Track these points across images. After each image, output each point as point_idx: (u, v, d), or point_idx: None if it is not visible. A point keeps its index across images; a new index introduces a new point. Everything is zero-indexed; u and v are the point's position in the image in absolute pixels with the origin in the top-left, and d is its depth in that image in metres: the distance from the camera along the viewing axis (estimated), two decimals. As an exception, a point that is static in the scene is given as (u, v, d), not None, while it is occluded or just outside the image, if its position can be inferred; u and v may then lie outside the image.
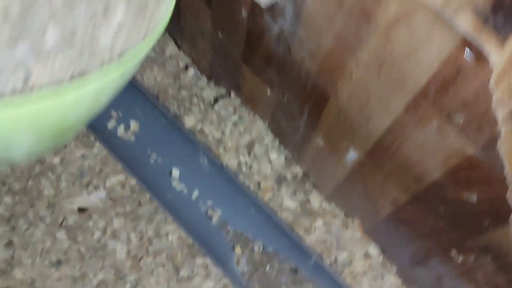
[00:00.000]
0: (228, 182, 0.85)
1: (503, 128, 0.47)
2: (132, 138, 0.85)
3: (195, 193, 0.84)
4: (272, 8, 0.66)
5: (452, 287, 0.71)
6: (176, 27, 1.00)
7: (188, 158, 0.85)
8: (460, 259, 0.66)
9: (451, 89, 0.49)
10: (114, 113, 0.89)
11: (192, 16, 0.90)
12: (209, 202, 0.81)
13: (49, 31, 0.36)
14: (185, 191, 0.84)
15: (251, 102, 0.94)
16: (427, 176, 0.62)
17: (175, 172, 0.85)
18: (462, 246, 0.65)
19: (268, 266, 0.80)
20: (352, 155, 0.74)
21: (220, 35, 0.85)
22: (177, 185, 0.84)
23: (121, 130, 0.87)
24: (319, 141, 0.80)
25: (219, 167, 0.85)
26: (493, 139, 0.48)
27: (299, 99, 0.76)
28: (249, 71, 0.86)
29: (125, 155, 0.85)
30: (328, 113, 0.72)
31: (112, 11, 0.40)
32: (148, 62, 1.05)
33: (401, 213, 0.72)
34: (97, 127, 0.87)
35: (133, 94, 0.91)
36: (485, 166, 0.52)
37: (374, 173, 0.72)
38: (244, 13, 0.73)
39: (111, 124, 0.89)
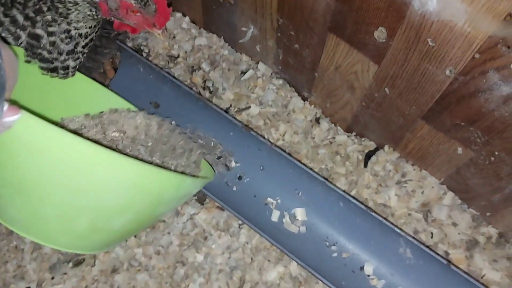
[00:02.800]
0: (439, 271, 0.66)
1: None
2: (303, 229, 0.69)
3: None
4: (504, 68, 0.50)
5: None
6: (305, 79, 0.85)
7: (383, 246, 0.66)
8: None
9: None
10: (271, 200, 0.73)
11: (341, 69, 0.75)
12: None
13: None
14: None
15: (419, 158, 0.79)
16: None
17: (368, 268, 0.68)
18: None
19: None
20: None
21: (387, 91, 0.69)
22: (376, 282, 0.67)
23: (286, 220, 0.72)
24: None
25: (422, 252, 0.67)
26: None
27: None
28: (429, 127, 0.70)
29: (297, 248, 0.70)
30: None
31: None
32: (271, 119, 0.90)
33: None
34: (256, 219, 0.73)
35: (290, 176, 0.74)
36: None
37: None
38: (448, 72, 0.57)
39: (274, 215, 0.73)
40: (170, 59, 1.00)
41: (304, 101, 0.92)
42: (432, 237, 0.78)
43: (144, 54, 1.01)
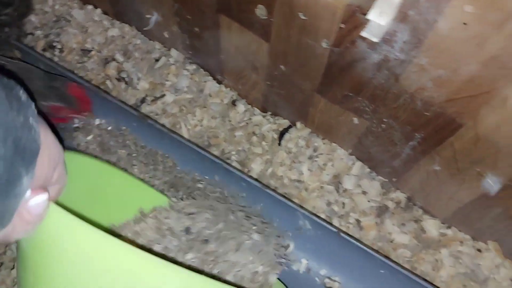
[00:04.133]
0: (339, 242, 0.68)
1: None
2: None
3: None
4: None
5: None
6: (215, 62, 0.86)
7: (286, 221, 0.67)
8: None
9: None
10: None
11: (239, 49, 0.75)
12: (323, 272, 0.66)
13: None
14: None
15: (326, 131, 0.81)
16: None
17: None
18: None
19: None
20: (491, 182, 0.60)
21: (282, 67, 0.70)
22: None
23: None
24: (435, 166, 0.66)
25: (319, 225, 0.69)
26: None
27: (408, 126, 0.63)
28: (325, 101, 0.72)
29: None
30: (457, 140, 0.58)
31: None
32: (187, 106, 0.90)
33: None
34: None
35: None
36: None
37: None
38: (325, 44, 0.58)
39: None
40: (83, 53, 0.98)
41: (219, 84, 0.92)
42: (343, 207, 0.80)
43: (57, 51, 0.99)
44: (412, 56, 0.50)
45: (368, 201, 0.80)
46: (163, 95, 0.92)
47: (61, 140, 0.42)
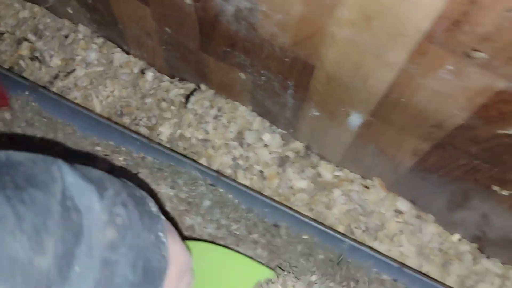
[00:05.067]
0: None
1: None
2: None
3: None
4: (219, -13, 0.56)
5: (502, 222, 0.66)
6: (116, 32, 0.88)
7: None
8: (505, 192, 0.60)
9: (465, 24, 0.40)
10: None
11: (130, 17, 0.78)
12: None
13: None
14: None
15: (225, 90, 0.85)
16: (449, 121, 0.54)
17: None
18: (505, 180, 0.59)
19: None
20: (355, 118, 0.66)
21: (168, 30, 0.74)
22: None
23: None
24: (314, 111, 0.72)
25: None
26: (528, 68, 0.41)
27: (280, 75, 0.67)
28: (212, 59, 0.76)
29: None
30: (317, 82, 0.63)
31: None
32: (98, 79, 0.93)
33: (426, 162, 0.65)
34: None
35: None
36: (521, 97, 0.45)
37: (385, 130, 0.64)
38: (188, 1, 0.62)
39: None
40: (-4, 36, 1.00)
41: (128, 55, 0.95)
42: (247, 160, 0.85)
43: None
44: (254, 3, 0.55)
45: (270, 153, 0.85)
46: (73, 70, 0.95)
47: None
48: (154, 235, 0.38)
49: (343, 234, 0.67)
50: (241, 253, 0.64)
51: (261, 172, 0.84)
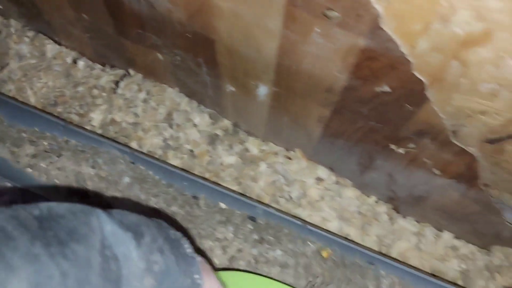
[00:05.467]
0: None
1: (379, 6, 0.42)
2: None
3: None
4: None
5: (405, 179, 0.69)
6: (45, 24, 0.90)
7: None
8: (401, 150, 0.64)
9: (313, -14, 0.44)
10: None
11: (51, 7, 0.80)
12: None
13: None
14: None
15: (151, 73, 0.87)
16: (336, 84, 0.58)
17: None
18: (398, 138, 0.62)
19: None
20: (263, 90, 0.69)
21: (85, 16, 0.76)
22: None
23: None
24: (230, 87, 0.74)
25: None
26: (375, 22, 0.44)
27: (190, 53, 0.70)
28: (130, 43, 0.78)
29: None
30: (221, 57, 0.66)
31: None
32: (31, 71, 0.95)
33: (331, 128, 0.69)
34: None
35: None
36: (381, 52, 0.48)
37: (291, 99, 0.68)
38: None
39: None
40: None
41: (59, 46, 0.97)
42: (177, 140, 0.87)
43: None
44: (145, -18, 0.57)
45: (199, 132, 0.87)
46: (7, 64, 0.96)
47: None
48: (190, 278, 0.40)
49: (256, 200, 0.70)
50: (277, 280, 0.65)
51: (191, 151, 0.87)
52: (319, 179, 0.81)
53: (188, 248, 0.42)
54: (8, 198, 0.71)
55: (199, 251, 0.51)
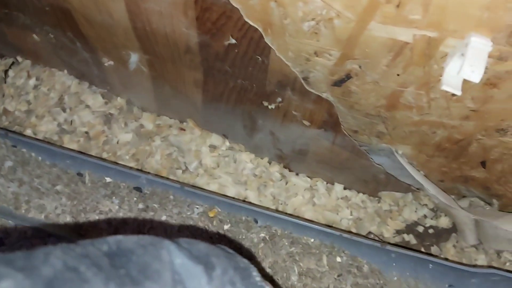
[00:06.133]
0: None
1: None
2: None
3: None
4: None
5: (285, 135, 0.71)
6: None
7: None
8: (273, 106, 0.66)
9: None
10: None
11: None
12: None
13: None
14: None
15: (37, 58, 0.85)
16: (191, 42, 0.58)
17: None
18: (267, 94, 0.63)
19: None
20: (134, 58, 0.69)
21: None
22: None
23: None
24: (107, 61, 0.74)
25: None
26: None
27: (58, 28, 0.69)
28: (4, 25, 0.76)
29: None
30: (84, 28, 0.65)
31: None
32: None
33: (208, 92, 0.69)
34: None
35: None
36: (212, 1, 0.49)
37: (163, 65, 0.68)
38: None
39: None
40: None
41: None
42: (72, 123, 0.86)
43: None
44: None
45: (93, 113, 0.86)
46: None
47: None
48: None
49: (138, 170, 0.70)
50: None
51: (87, 133, 0.85)
52: (213, 147, 0.82)
53: (257, 276, 0.42)
54: None
55: (264, 275, 0.51)
